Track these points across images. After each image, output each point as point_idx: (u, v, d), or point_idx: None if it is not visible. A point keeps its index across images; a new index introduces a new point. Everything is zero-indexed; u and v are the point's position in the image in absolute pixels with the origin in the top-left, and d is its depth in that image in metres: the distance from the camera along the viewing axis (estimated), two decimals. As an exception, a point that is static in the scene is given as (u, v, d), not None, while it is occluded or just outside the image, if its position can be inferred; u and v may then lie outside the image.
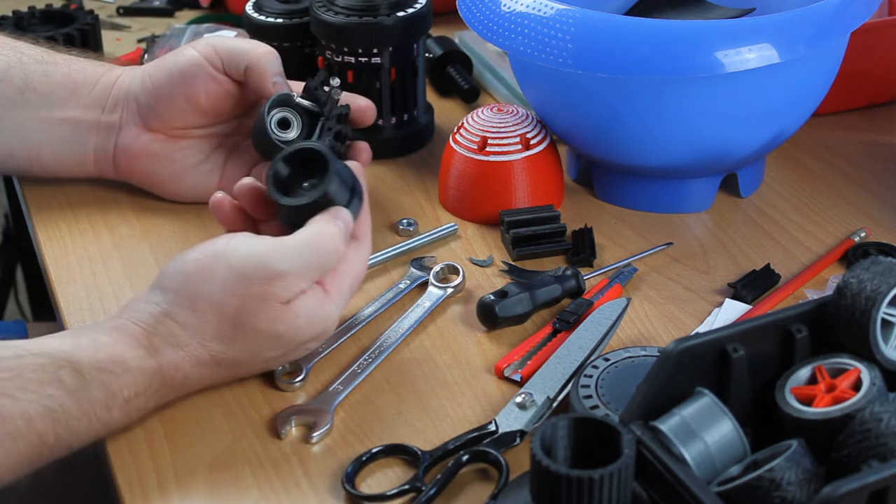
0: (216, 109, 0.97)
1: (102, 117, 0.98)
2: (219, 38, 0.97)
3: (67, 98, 0.98)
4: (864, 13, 0.95)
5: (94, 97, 0.99)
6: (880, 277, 0.68)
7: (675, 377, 0.67)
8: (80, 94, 0.99)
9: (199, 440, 0.78)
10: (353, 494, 0.73)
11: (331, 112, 0.94)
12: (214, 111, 0.97)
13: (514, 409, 0.78)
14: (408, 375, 0.83)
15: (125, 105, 0.98)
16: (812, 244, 0.97)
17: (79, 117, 0.98)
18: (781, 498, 0.62)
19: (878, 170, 1.08)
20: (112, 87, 0.99)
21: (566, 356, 0.82)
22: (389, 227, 1.00)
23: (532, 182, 0.99)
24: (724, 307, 0.89)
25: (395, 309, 0.90)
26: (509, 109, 1.01)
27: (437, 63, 1.22)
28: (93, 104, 0.99)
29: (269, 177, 0.81)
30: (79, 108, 0.98)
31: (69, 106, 0.98)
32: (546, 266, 0.94)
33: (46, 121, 0.99)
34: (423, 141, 1.13)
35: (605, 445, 0.62)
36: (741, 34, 0.90)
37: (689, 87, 0.92)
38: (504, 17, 0.94)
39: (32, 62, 1.00)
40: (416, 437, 0.78)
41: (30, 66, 0.99)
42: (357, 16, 1.05)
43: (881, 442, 0.63)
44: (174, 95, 0.96)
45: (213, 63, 0.95)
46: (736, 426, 0.66)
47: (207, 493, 0.74)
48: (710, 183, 1.02)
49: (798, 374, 0.70)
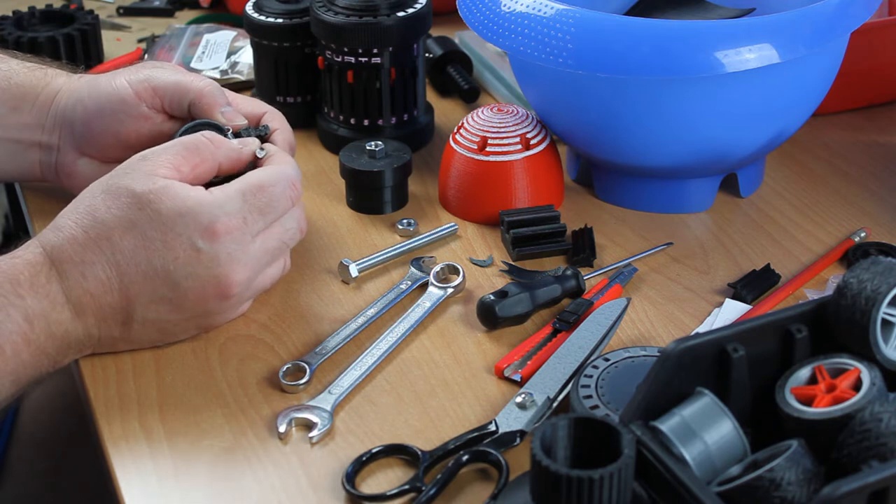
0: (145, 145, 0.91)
1: (42, 137, 0.97)
2: (159, 73, 0.94)
3: (7, 116, 0.97)
4: (864, 13, 0.95)
5: (34, 116, 0.97)
6: (880, 277, 0.68)
7: (675, 377, 0.67)
8: (20, 112, 0.97)
9: (199, 440, 0.78)
10: (353, 494, 0.73)
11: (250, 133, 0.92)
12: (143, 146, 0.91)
13: (514, 409, 0.78)
14: (408, 375, 0.83)
15: (61, 128, 0.96)
16: (812, 244, 0.97)
17: (19, 137, 0.97)
18: (781, 498, 0.62)
19: (878, 170, 1.08)
20: (50, 106, 0.96)
21: (566, 356, 0.82)
22: (389, 227, 1.00)
23: (532, 182, 0.99)
24: (724, 307, 0.89)
25: (396, 309, 0.90)
26: (509, 109, 1.01)
27: (437, 63, 1.22)
28: (33, 124, 0.97)
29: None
30: (19, 128, 0.97)
31: (10, 126, 0.97)
32: (546, 266, 0.94)
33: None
34: (423, 141, 1.13)
35: (605, 445, 0.62)
36: (741, 34, 0.90)
37: (689, 87, 0.92)
38: (504, 17, 0.94)
39: None
40: (416, 437, 0.78)
41: None
42: (357, 16, 1.05)
43: (881, 442, 0.63)
44: (104, 132, 0.94)
45: (148, 102, 0.93)
46: (736, 426, 0.66)
47: (207, 493, 0.74)
48: (710, 183, 1.02)
49: (798, 374, 0.70)
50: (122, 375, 0.83)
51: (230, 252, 0.82)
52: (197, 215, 0.81)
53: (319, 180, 1.07)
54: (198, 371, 0.84)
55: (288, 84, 1.13)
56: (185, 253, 0.81)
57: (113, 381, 0.83)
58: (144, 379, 0.83)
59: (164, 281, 0.81)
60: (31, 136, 0.97)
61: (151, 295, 0.81)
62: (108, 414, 0.80)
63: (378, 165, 1.00)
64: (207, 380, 0.83)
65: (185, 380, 0.83)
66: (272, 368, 0.84)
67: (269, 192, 0.84)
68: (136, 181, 0.81)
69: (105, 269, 0.81)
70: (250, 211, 0.83)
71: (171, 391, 0.82)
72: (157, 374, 0.83)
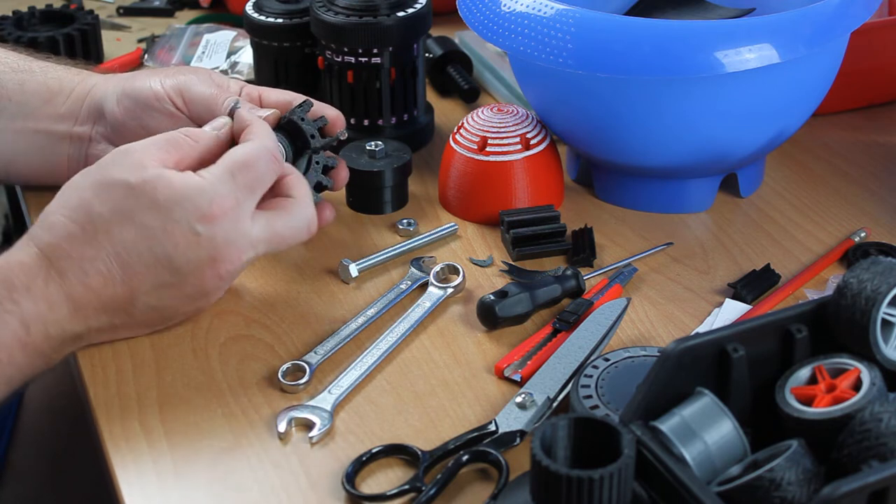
0: None
1: (75, 128, 0.98)
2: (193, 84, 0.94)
3: (42, 108, 0.98)
4: (864, 13, 0.95)
5: (68, 108, 0.98)
6: (880, 277, 0.68)
7: (675, 377, 0.67)
8: (55, 104, 0.98)
9: (199, 440, 0.78)
10: (353, 494, 0.73)
11: (319, 145, 0.93)
12: None
13: (514, 409, 0.78)
14: (408, 375, 0.83)
15: (95, 120, 0.97)
16: (812, 244, 0.97)
17: (52, 128, 0.98)
18: (781, 498, 0.62)
19: (878, 170, 1.08)
20: (85, 98, 0.98)
21: (566, 356, 0.82)
22: (389, 227, 1.00)
23: (532, 182, 0.99)
24: (724, 307, 0.89)
25: (396, 309, 0.90)
26: (509, 109, 1.01)
27: (437, 63, 1.22)
28: (66, 115, 0.98)
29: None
30: (53, 118, 0.98)
31: (43, 117, 0.98)
32: (546, 266, 0.94)
33: (21, 131, 0.98)
34: (423, 141, 1.13)
35: (605, 445, 0.62)
36: (741, 34, 0.90)
37: (689, 87, 0.92)
38: (504, 17, 0.94)
39: (8, 70, 0.99)
40: (416, 437, 0.78)
41: (5, 76, 0.99)
42: (357, 16, 1.05)
43: (881, 442, 0.63)
44: (137, 128, 0.95)
45: (176, 104, 0.94)
46: (736, 426, 0.66)
47: (207, 493, 0.74)
48: (710, 183, 1.02)
49: (798, 374, 0.70)
50: (122, 375, 0.83)
51: (226, 233, 0.82)
52: (193, 200, 0.81)
53: (319, 180, 1.07)
54: (198, 371, 0.84)
55: (288, 84, 1.12)
56: (184, 238, 0.81)
57: (113, 381, 0.83)
58: (144, 379, 0.83)
59: (166, 267, 0.81)
60: (64, 127, 0.98)
61: (154, 282, 0.82)
62: (108, 414, 0.80)
63: (378, 165, 1.00)
64: (207, 380, 0.83)
65: (185, 380, 0.83)
66: (272, 368, 0.84)
67: (255, 169, 0.84)
68: (128, 172, 0.82)
69: (106, 263, 0.81)
70: (240, 189, 0.83)
71: (171, 391, 0.82)
72: (157, 374, 0.83)
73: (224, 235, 0.82)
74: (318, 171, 0.93)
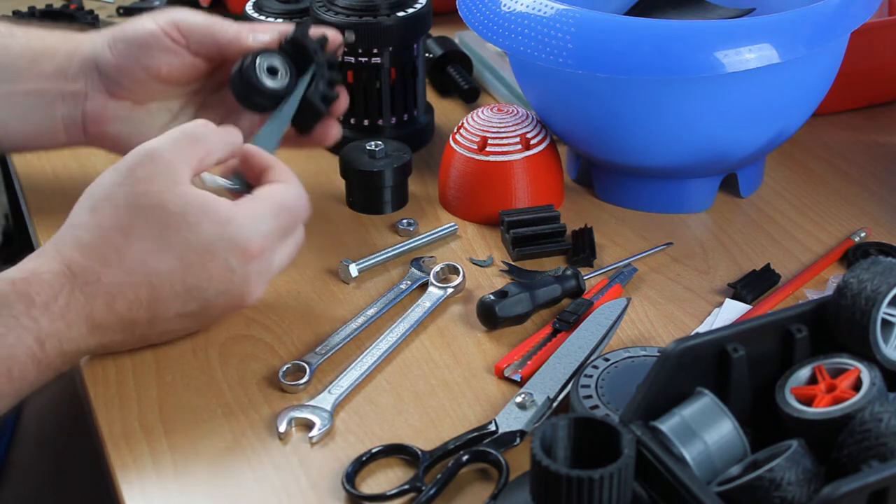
0: (178, 80, 0.96)
1: (66, 86, 0.96)
2: (185, 15, 0.95)
3: (28, 69, 0.96)
4: (864, 13, 0.95)
5: (57, 66, 0.97)
6: (880, 277, 0.68)
7: (675, 377, 0.67)
8: (41, 64, 0.96)
9: (199, 440, 0.78)
10: (353, 494, 0.73)
11: (322, 60, 0.94)
12: (176, 81, 0.96)
13: (514, 409, 0.78)
14: (408, 375, 0.83)
15: (88, 73, 0.96)
16: (812, 244, 0.97)
17: (42, 88, 0.96)
18: (781, 498, 0.62)
19: (878, 170, 1.08)
20: (74, 54, 0.97)
21: (566, 356, 0.82)
22: (389, 227, 1.00)
23: (532, 182, 0.99)
24: (724, 307, 0.89)
25: (396, 309, 0.90)
26: (509, 109, 1.01)
27: (437, 63, 1.22)
28: (55, 74, 0.96)
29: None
30: (41, 78, 0.96)
31: (31, 77, 0.96)
32: (546, 266, 0.94)
33: (10, 94, 0.97)
34: (423, 141, 1.13)
35: (605, 445, 0.62)
36: (741, 34, 0.90)
37: (689, 87, 0.92)
38: (504, 17, 0.94)
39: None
40: (416, 437, 0.78)
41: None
42: (357, 16, 1.05)
43: (881, 442, 0.63)
44: (134, 68, 0.94)
45: (173, 37, 0.94)
46: (736, 426, 0.66)
47: (207, 492, 0.74)
48: (710, 183, 1.02)
49: (798, 374, 0.70)
50: (122, 375, 0.83)
51: (259, 272, 0.82)
52: (234, 237, 0.80)
53: (319, 180, 1.07)
54: (198, 371, 0.84)
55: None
56: (219, 273, 0.81)
57: (113, 381, 0.83)
58: (144, 379, 0.83)
59: (195, 298, 0.81)
60: (53, 85, 0.96)
61: (178, 310, 0.81)
62: (108, 414, 0.80)
63: (378, 165, 1.00)
64: (207, 380, 0.83)
65: (185, 380, 0.83)
66: (272, 368, 0.84)
67: (293, 214, 0.84)
68: (167, 196, 0.80)
69: (136, 290, 0.79)
70: (277, 231, 0.83)
71: (171, 391, 0.82)
72: (157, 374, 0.83)
73: (256, 272, 0.82)
74: (324, 84, 0.94)
